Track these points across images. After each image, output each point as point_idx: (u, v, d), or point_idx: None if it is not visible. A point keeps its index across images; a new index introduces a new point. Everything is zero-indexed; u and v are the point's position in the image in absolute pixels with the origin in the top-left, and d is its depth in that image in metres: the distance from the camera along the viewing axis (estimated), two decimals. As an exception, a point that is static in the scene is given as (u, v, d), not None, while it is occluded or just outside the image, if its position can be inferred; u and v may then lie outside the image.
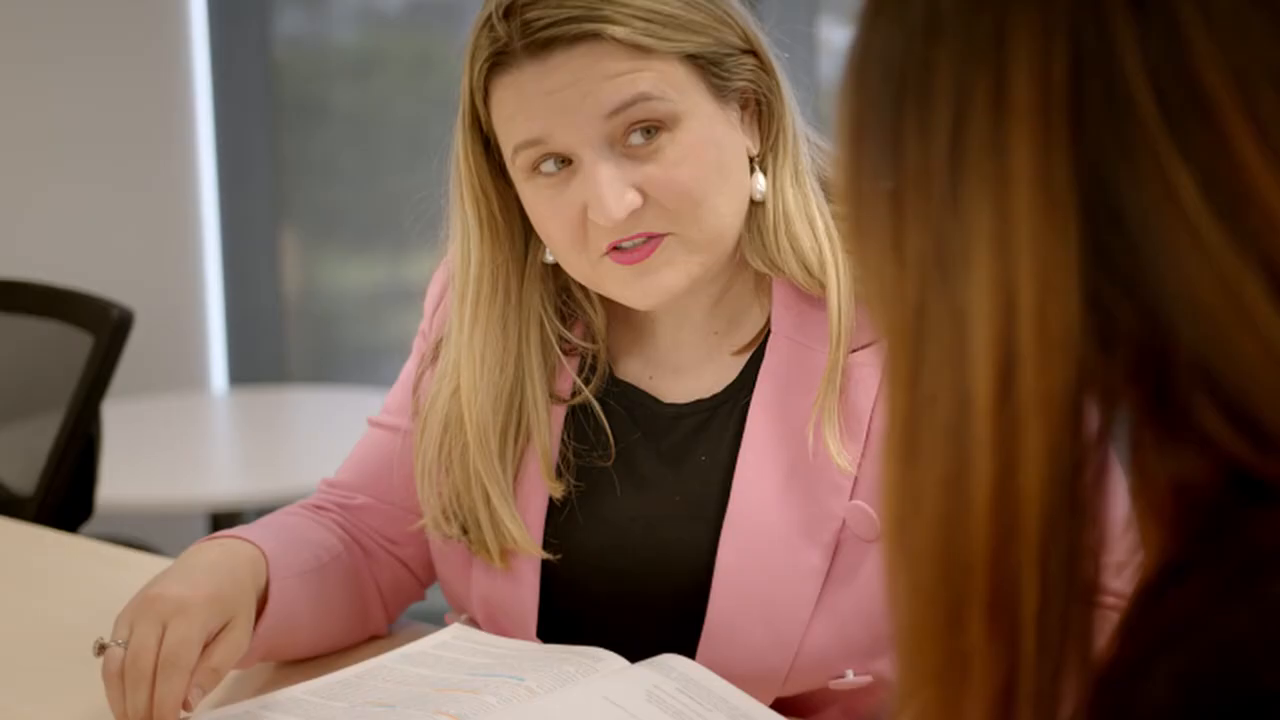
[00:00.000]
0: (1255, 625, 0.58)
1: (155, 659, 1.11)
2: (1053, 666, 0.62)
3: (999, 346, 0.60)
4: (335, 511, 1.40)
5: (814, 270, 1.23)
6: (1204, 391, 0.61)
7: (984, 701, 0.63)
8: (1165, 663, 0.61)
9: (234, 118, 3.72)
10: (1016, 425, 0.60)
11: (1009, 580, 0.61)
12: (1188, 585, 0.62)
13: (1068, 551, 0.62)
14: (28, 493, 2.05)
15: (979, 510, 0.61)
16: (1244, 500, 0.62)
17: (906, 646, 0.66)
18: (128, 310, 2.00)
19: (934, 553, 0.63)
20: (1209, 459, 0.63)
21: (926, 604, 0.64)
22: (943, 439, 0.62)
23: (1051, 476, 0.61)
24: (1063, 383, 0.60)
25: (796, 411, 1.24)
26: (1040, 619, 0.61)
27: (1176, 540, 0.65)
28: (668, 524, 1.26)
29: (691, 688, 1.12)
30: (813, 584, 1.21)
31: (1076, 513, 0.62)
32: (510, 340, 1.28)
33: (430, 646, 1.25)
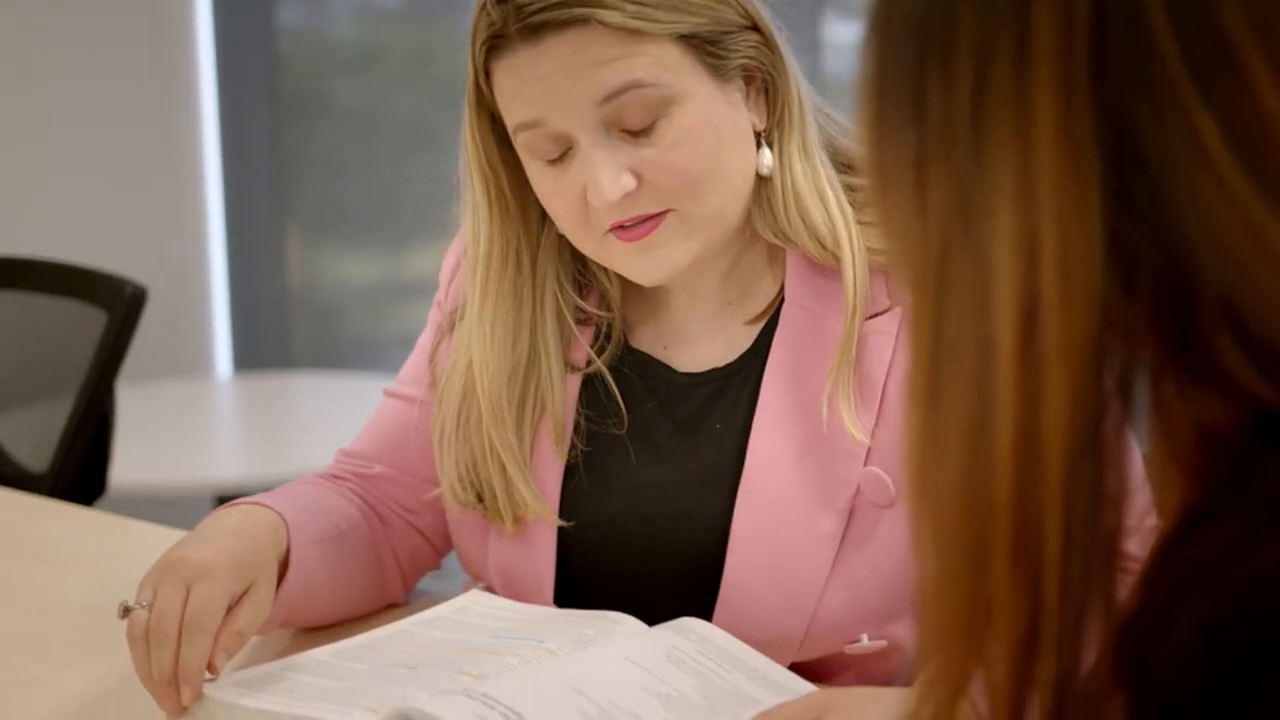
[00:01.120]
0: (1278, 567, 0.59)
1: (180, 621, 1.12)
2: (1075, 611, 0.63)
3: (1021, 294, 0.61)
4: (352, 481, 1.41)
5: (826, 243, 1.24)
6: (1228, 333, 0.62)
7: (1007, 647, 0.64)
8: (1189, 607, 0.62)
9: (238, 111, 3.73)
10: (1039, 371, 0.61)
11: (1032, 525, 0.62)
12: (1211, 530, 0.63)
13: (1090, 497, 0.63)
14: (41, 470, 2.06)
15: (1002, 456, 0.62)
16: (1269, 445, 0.63)
17: (930, 593, 0.67)
18: (141, 287, 2.01)
19: (957, 499, 0.64)
20: (1233, 403, 0.64)
21: (950, 550, 0.65)
22: (966, 387, 0.63)
23: (1074, 422, 0.62)
24: (1085, 329, 0.61)
25: (810, 379, 1.25)
26: (1063, 563, 0.62)
27: (1200, 488, 0.66)
28: (683, 491, 1.27)
29: (710, 649, 1.13)
30: (827, 550, 1.22)
31: (1099, 458, 0.63)
32: (524, 312, 1.29)
33: (449, 611, 1.27)
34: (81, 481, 2.03)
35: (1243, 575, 0.60)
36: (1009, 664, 0.64)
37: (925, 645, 0.67)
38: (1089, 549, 0.63)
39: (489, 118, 1.25)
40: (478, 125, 1.25)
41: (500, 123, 1.24)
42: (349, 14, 3.90)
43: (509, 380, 1.29)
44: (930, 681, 0.67)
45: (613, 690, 1.05)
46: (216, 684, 1.13)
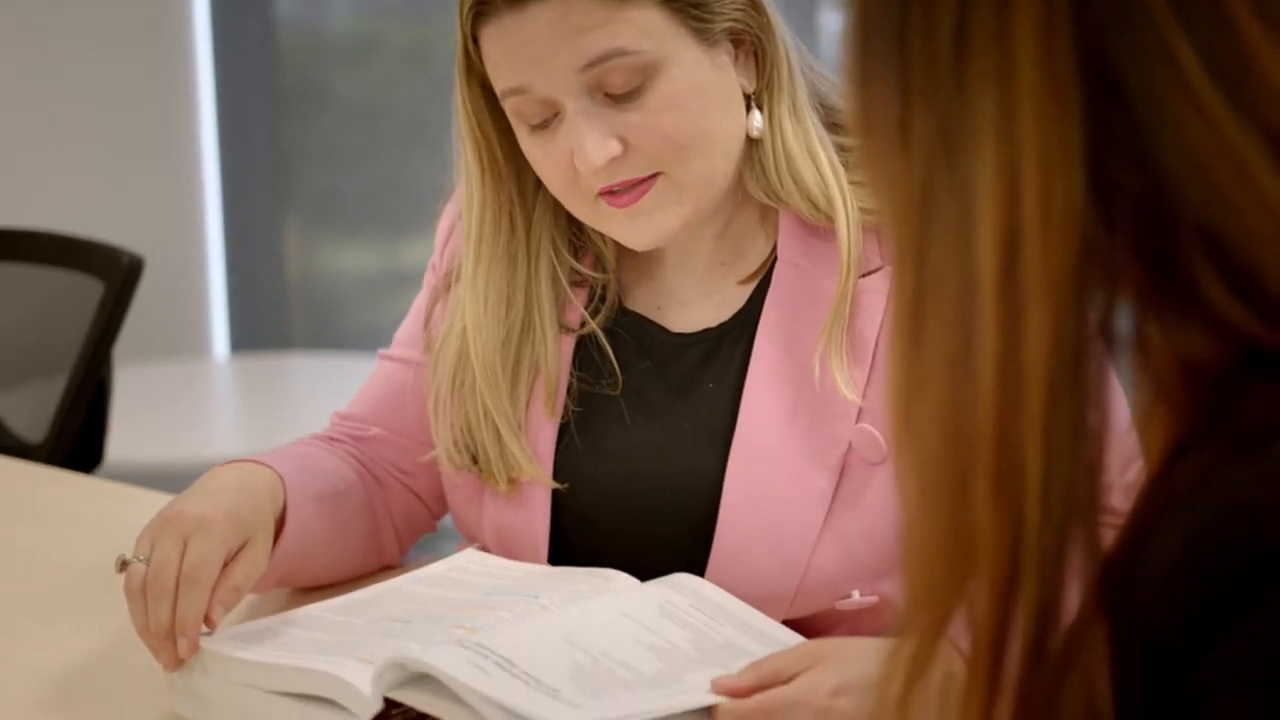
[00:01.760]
0: (1262, 486, 0.59)
1: (177, 575, 1.13)
2: (1057, 541, 0.64)
3: (1003, 227, 0.62)
4: (348, 443, 1.42)
5: (819, 203, 1.25)
6: (1209, 263, 0.63)
7: (989, 577, 0.64)
8: (1171, 526, 0.63)
9: (236, 103, 3.74)
10: (1021, 302, 0.62)
11: (1013, 454, 0.63)
12: (1191, 460, 0.64)
13: (1071, 428, 0.64)
14: (38, 440, 2.07)
15: (984, 386, 0.63)
16: (1249, 375, 0.64)
17: (912, 526, 0.68)
18: (138, 257, 2.02)
19: (939, 430, 0.65)
20: (1215, 335, 0.64)
21: (932, 482, 0.66)
22: (948, 319, 0.64)
23: (1055, 353, 0.63)
24: (1066, 261, 0.62)
25: (803, 337, 1.26)
26: (1044, 494, 0.63)
27: (1184, 425, 0.67)
28: (676, 450, 1.28)
29: (703, 603, 1.14)
30: (819, 507, 1.23)
31: (1080, 390, 0.64)
32: (518, 275, 1.30)
33: (444, 569, 1.28)
34: (79, 452, 2.04)
35: (1219, 498, 0.60)
36: (991, 595, 0.65)
37: (908, 579, 0.68)
38: (1070, 480, 0.64)
39: (480, 84, 1.26)
40: (468, 92, 1.26)
41: (491, 88, 1.25)
42: (347, 6, 3.91)
43: (503, 344, 1.30)
44: (912, 615, 0.68)
45: (606, 641, 1.06)
46: (213, 637, 1.14)
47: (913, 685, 0.69)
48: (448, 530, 1.46)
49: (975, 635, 0.66)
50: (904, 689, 0.69)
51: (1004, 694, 0.67)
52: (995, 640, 0.66)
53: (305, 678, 1.07)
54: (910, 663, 0.68)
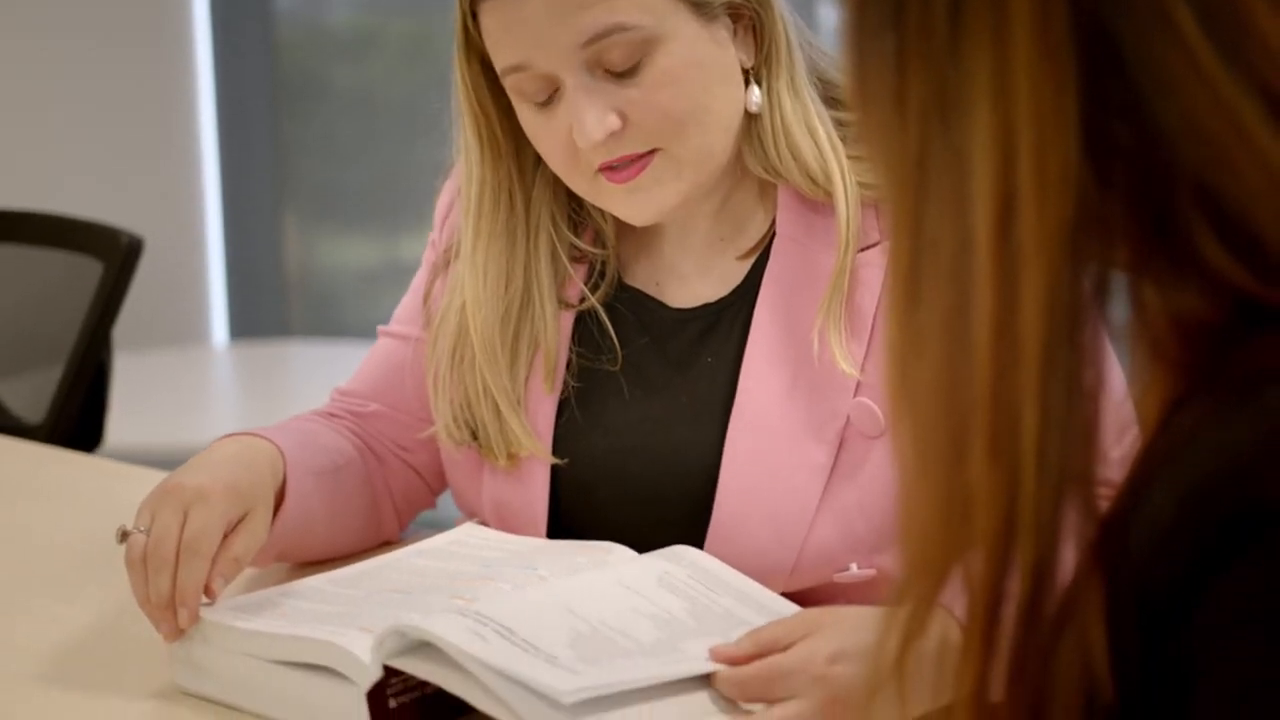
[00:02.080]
0: (1253, 436, 0.60)
1: (177, 545, 1.13)
2: (1052, 500, 0.64)
3: (998, 188, 0.63)
4: (348, 419, 1.42)
5: (817, 178, 1.25)
6: (1205, 221, 0.63)
7: (985, 535, 0.65)
8: (1165, 479, 0.63)
9: (236, 97, 3.74)
10: (1016, 264, 0.63)
11: (1009, 415, 0.64)
12: (1189, 410, 0.65)
13: (1066, 388, 0.64)
14: (37, 421, 2.07)
15: (979, 348, 0.64)
16: (1245, 330, 0.64)
17: (909, 486, 0.69)
18: (137, 237, 2.02)
19: (936, 391, 0.66)
20: (1210, 293, 0.65)
21: (929, 443, 0.66)
22: (944, 281, 0.65)
23: (1050, 313, 0.63)
24: (1061, 222, 0.63)
25: (802, 312, 1.26)
26: (1040, 453, 0.64)
27: (1180, 383, 0.68)
28: (675, 425, 1.29)
29: (701, 574, 1.15)
30: (817, 480, 1.23)
31: (1074, 349, 0.64)
32: (518, 251, 1.31)
33: (443, 543, 1.28)
34: (78, 433, 2.04)
35: (1212, 450, 0.61)
36: (986, 556, 0.65)
37: (904, 541, 0.69)
38: (1065, 441, 0.64)
39: (479, 60, 1.26)
40: (467, 68, 1.27)
41: (490, 64, 1.25)
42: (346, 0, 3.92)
43: (502, 320, 1.30)
44: (908, 578, 0.68)
45: (604, 611, 1.07)
46: (213, 608, 1.15)
47: (908, 647, 0.69)
48: (447, 507, 1.46)
49: (971, 596, 0.67)
50: (899, 651, 0.69)
51: (999, 655, 0.67)
52: (990, 601, 0.66)
53: (305, 646, 1.08)
54: (906, 625, 0.69)
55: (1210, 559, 0.60)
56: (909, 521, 0.69)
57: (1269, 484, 0.58)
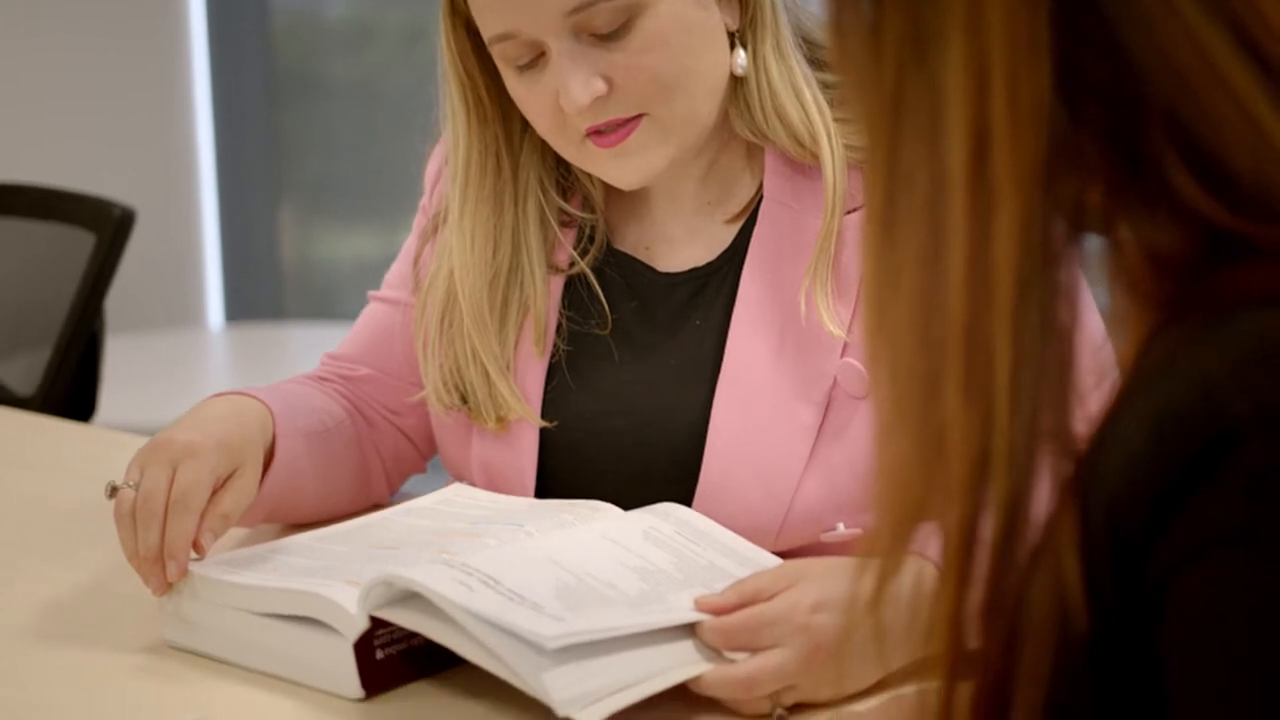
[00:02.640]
0: (1222, 361, 0.61)
1: (166, 500, 1.14)
2: (1026, 436, 0.65)
3: (972, 122, 0.63)
4: (338, 382, 1.43)
5: (804, 141, 1.26)
6: (1175, 152, 0.64)
7: (960, 468, 0.66)
8: (1137, 406, 0.64)
9: (232, 89, 3.74)
10: (990, 198, 0.64)
11: (983, 350, 0.64)
12: (1162, 340, 0.66)
13: (1039, 322, 0.65)
14: (29, 393, 2.07)
15: (954, 282, 0.64)
16: (1217, 260, 0.65)
17: (885, 422, 0.69)
18: (129, 209, 2.03)
19: (912, 327, 0.66)
20: (1182, 225, 0.66)
21: (904, 377, 0.67)
22: (920, 217, 0.66)
23: (1023, 246, 0.64)
24: (1034, 155, 0.63)
25: (789, 274, 1.27)
26: (1013, 388, 0.64)
27: (1155, 318, 0.68)
28: (664, 387, 1.29)
29: (686, 529, 1.16)
30: (805, 441, 1.24)
31: (1048, 284, 0.65)
32: (505, 216, 1.31)
33: (432, 503, 1.29)
34: (70, 404, 2.05)
35: (1182, 376, 0.62)
36: (961, 489, 0.66)
37: (881, 477, 0.69)
38: (1039, 376, 0.65)
39: (464, 25, 1.27)
40: (453, 34, 1.27)
41: (475, 29, 1.25)
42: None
43: (490, 285, 1.31)
44: (885, 514, 0.69)
45: (590, 563, 1.08)
46: (201, 563, 1.15)
47: (884, 587, 0.70)
48: (437, 471, 1.47)
49: (946, 533, 0.67)
50: (875, 591, 0.70)
51: (974, 589, 0.68)
52: (965, 537, 0.67)
53: (292, 599, 1.09)
54: (881, 565, 0.70)
55: (1179, 483, 0.60)
56: (885, 458, 0.70)
57: (1237, 407, 0.59)
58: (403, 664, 1.08)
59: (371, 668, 1.06)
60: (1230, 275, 0.64)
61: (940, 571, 0.68)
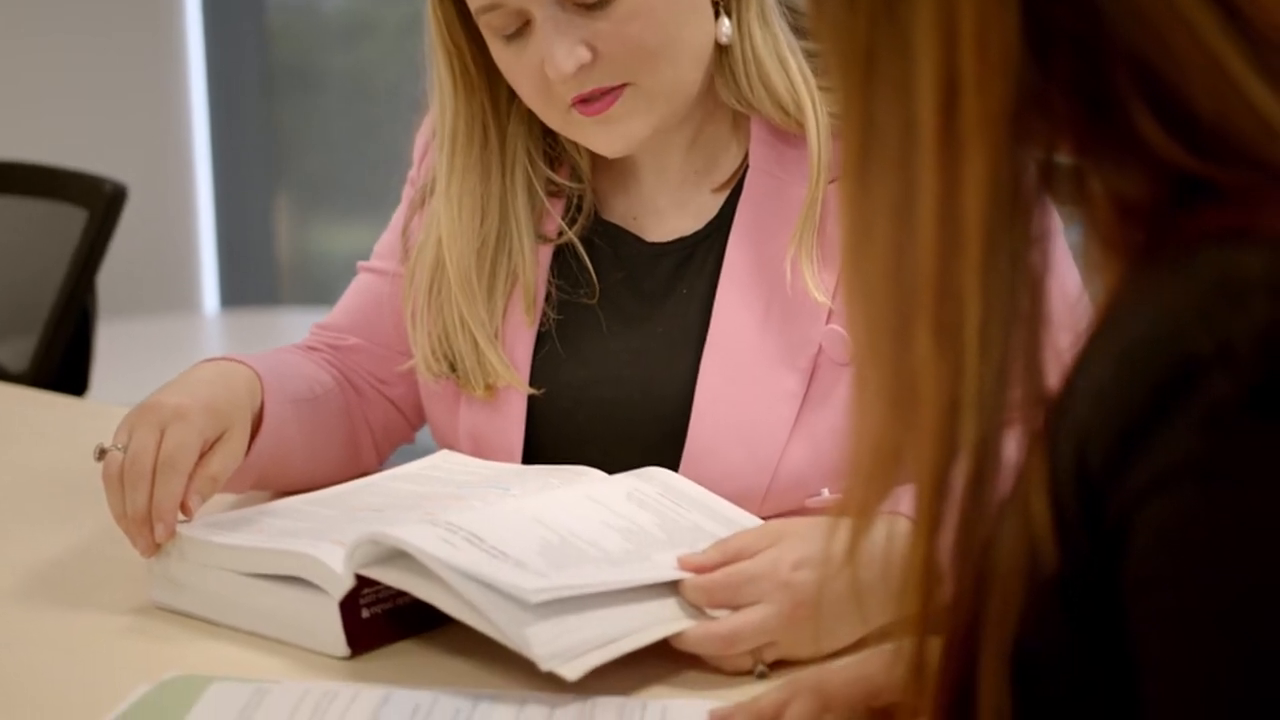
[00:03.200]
0: (1186, 297, 0.61)
1: (154, 461, 1.15)
2: (996, 381, 0.66)
3: (941, 74, 0.65)
4: (327, 352, 1.43)
5: (789, 109, 1.27)
6: (1142, 99, 0.65)
7: (931, 413, 0.67)
8: (1103, 347, 0.65)
9: (228, 84, 3.75)
10: (959, 148, 0.65)
11: (953, 297, 0.65)
12: (1128, 283, 0.66)
13: (1009, 270, 0.66)
14: (20, 370, 2.08)
15: (924, 231, 0.66)
16: (1184, 204, 0.66)
17: (860, 368, 0.70)
18: (121, 185, 2.03)
19: (885, 276, 0.68)
20: (1149, 172, 0.67)
21: (877, 327, 0.68)
22: (892, 168, 0.67)
23: (992, 196, 0.65)
24: (1003, 106, 0.65)
25: (775, 243, 1.27)
26: (983, 334, 0.66)
27: (1126, 263, 0.69)
28: (651, 355, 1.30)
29: (671, 492, 1.16)
30: (790, 407, 1.25)
31: (1017, 233, 0.66)
32: (493, 185, 1.32)
33: (419, 468, 1.30)
34: (62, 381, 2.05)
35: (1148, 310, 0.63)
36: (933, 434, 0.67)
37: (855, 427, 0.70)
38: (1009, 320, 0.66)
39: None
40: (440, 4, 1.28)
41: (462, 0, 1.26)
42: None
43: (478, 254, 1.32)
44: (859, 463, 0.70)
45: (574, 523, 1.08)
46: (189, 524, 1.16)
47: (859, 535, 0.71)
48: (426, 441, 1.48)
49: (918, 479, 0.68)
50: (851, 540, 0.71)
51: (947, 534, 0.69)
52: (937, 483, 0.68)
53: (279, 558, 1.09)
54: (857, 513, 0.71)
55: (1143, 418, 0.61)
56: (860, 407, 0.71)
57: (1198, 341, 0.60)
58: (388, 623, 1.09)
59: (357, 626, 1.07)
60: (1194, 217, 0.65)
61: (914, 517, 0.69)
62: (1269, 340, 0.59)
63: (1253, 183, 0.64)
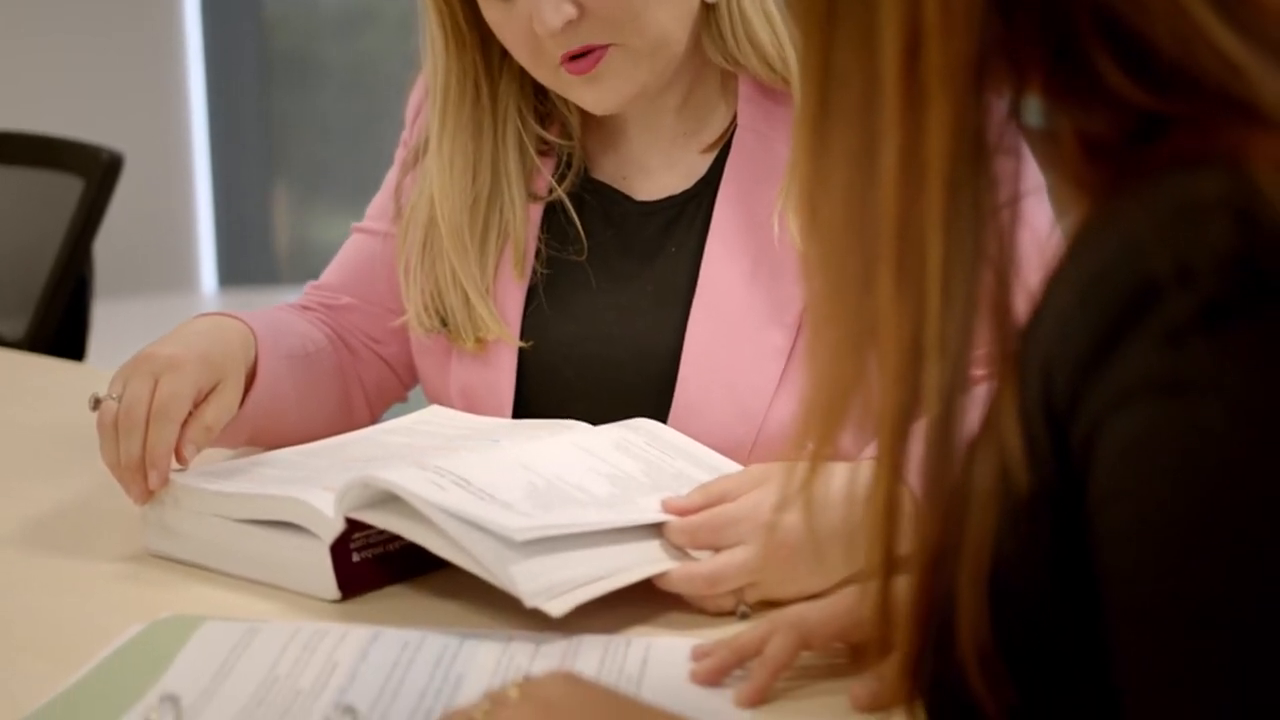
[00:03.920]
0: (1146, 220, 0.63)
1: (148, 410, 1.16)
2: (960, 324, 0.67)
3: (906, 24, 0.66)
4: (321, 311, 1.45)
5: (775, 65, 1.28)
6: (1103, 44, 0.66)
7: (894, 356, 0.68)
8: (1068, 274, 0.67)
9: (226, 74, 3.76)
10: (923, 96, 0.66)
11: (915, 242, 0.67)
12: (1097, 213, 0.68)
13: (972, 214, 0.67)
14: (18, 338, 2.09)
15: (887, 178, 0.67)
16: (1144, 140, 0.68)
17: (819, 314, 0.71)
18: (117, 153, 2.05)
19: (844, 225, 0.69)
20: (1113, 111, 0.68)
21: (838, 272, 0.70)
22: (853, 117, 0.68)
23: (956, 143, 0.66)
24: (966, 54, 0.66)
25: (762, 200, 1.29)
26: (945, 276, 0.67)
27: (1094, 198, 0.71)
28: (640, 312, 1.32)
29: (657, 441, 1.18)
30: (776, 363, 1.26)
31: (980, 177, 0.68)
32: (484, 143, 1.34)
33: (410, 422, 1.31)
34: (59, 348, 2.07)
35: (1111, 237, 0.64)
36: (896, 375, 0.68)
37: (814, 364, 0.71)
38: (972, 262, 0.67)
39: None
40: None
41: None
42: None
43: (470, 211, 1.33)
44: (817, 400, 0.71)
45: (561, 469, 1.10)
46: (183, 473, 1.18)
47: (815, 474, 0.72)
48: (419, 401, 1.49)
49: (881, 420, 0.69)
50: (809, 471, 0.72)
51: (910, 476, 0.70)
52: (899, 423, 0.69)
53: (271, 504, 1.11)
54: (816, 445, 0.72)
55: (1104, 339, 0.63)
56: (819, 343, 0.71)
57: (1157, 262, 0.61)
58: (378, 568, 1.11)
59: (348, 570, 1.09)
60: (1156, 148, 0.66)
61: (876, 460, 0.70)
62: (1226, 259, 0.60)
63: (1212, 113, 0.65)
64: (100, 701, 0.93)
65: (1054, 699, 0.68)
